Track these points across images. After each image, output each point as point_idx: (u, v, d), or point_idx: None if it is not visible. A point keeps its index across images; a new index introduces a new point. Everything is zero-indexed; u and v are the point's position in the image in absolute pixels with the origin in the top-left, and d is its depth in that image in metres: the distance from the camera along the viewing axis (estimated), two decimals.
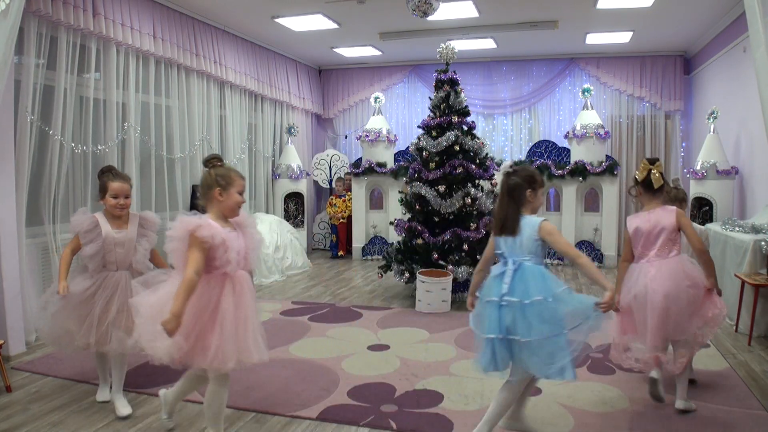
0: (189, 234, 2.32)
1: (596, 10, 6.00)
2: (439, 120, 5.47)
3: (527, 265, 2.42)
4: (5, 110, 3.77)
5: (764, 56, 2.99)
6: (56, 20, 4.29)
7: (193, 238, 2.31)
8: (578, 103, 8.08)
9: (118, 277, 2.97)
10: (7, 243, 3.80)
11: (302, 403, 3.06)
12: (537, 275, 2.39)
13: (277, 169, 8.07)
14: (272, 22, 6.51)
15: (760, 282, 3.99)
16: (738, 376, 3.41)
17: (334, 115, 9.45)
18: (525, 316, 2.32)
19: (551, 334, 2.29)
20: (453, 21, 6.50)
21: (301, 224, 8.35)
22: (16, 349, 3.84)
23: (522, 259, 2.44)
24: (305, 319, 4.83)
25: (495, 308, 2.39)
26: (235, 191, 2.49)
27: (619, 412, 2.93)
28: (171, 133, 5.89)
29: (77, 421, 2.87)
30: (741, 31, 5.62)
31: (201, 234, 2.31)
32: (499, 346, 2.36)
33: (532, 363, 2.33)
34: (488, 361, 2.40)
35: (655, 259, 2.84)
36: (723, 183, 6.01)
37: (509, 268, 2.43)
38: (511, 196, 2.51)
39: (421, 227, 5.37)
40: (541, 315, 2.31)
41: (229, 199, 2.48)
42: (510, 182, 2.52)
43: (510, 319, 2.35)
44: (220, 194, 2.46)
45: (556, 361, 2.29)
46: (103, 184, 2.98)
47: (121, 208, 2.99)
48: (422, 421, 2.85)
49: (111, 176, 2.98)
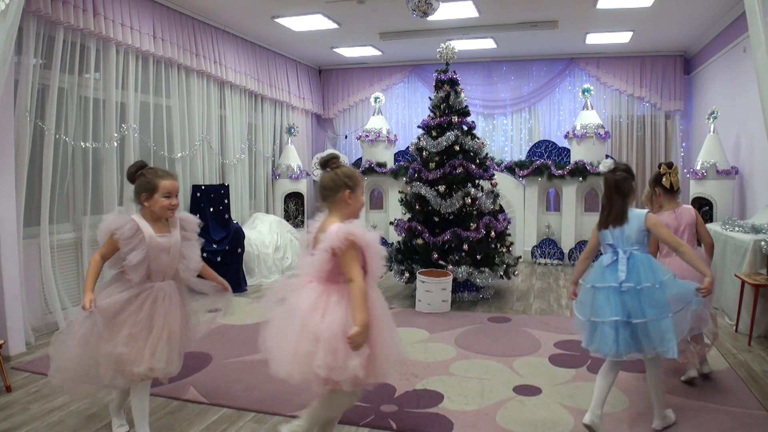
0: (348, 240, 2.14)
1: (596, 10, 6.00)
2: (439, 120, 5.47)
3: (636, 254, 2.67)
4: (5, 110, 3.77)
5: (764, 56, 2.99)
6: (56, 20, 4.29)
7: (351, 243, 2.15)
8: (578, 103, 8.08)
9: (166, 289, 2.61)
10: (7, 243, 3.80)
11: (302, 403, 3.05)
12: (646, 263, 2.65)
13: (277, 169, 8.07)
14: (272, 22, 6.51)
15: (760, 282, 3.98)
16: (738, 376, 3.41)
17: (334, 115, 9.45)
18: (638, 300, 2.58)
19: (659, 317, 2.55)
20: (453, 21, 6.50)
21: (301, 224, 8.34)
22: (16, 349, 3.84)
23: (631, 249, 2.68)
24: None
25: (615, 293, 2.61)
26: (360, 193, 2.33)
27: (619, 412, 2.93)
28: (171, 133, 5.89)
29: (77, 421, 2.87)
30: (741, 31, 5.62)
31: (358, 239, 2.17)
32: (623, 329, 2.57)
33: (645, 343, 2.57)
34: (611, 344, 2.58)
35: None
36: (723, 183, 6.01)
37: (622, 257, 2.67)
38: (618, 191, 2.73)
39: (421, 227, 5.37)
40: (651, 299, 2.57)
41: (357, 202, 2.31)
42: (617, 177, 2.74)
43: (629, 303, 2.59)
44: (350, 197, 2.28)
45: (665, 341, 2.54)
46: (148, 183, 2.57)
47: (173, 209, 2.63)
48: (422, 421, 2.85)
49: (159, 173, 2.60)
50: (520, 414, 2.92)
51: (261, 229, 6.92)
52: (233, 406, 3.03)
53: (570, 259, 7.39)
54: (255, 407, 3.03)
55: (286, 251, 6.98)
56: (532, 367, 3.60)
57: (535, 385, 3.27)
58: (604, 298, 2.63)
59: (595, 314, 2.65)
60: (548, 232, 7.70)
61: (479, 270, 5.18)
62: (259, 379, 3.38)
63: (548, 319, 4.78)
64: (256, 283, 6.32)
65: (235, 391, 3.23)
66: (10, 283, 3.81)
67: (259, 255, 6.48)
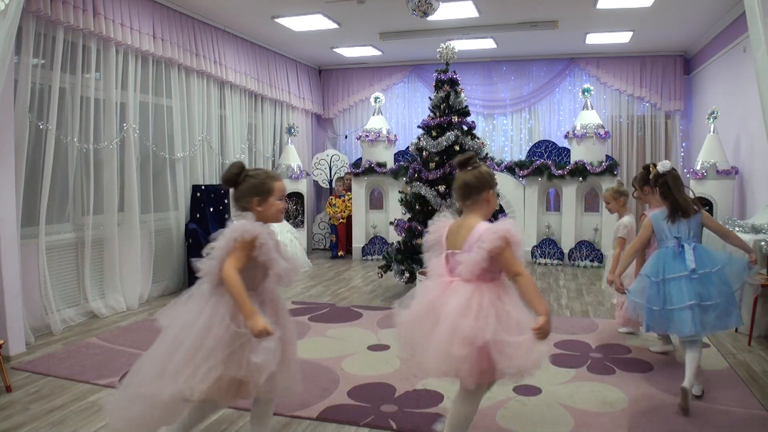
0: (506, 239, 2.13)
1: (596, 10, 6.00)
2: (439, 120, 5.47)
3: (697, 244, 3.07)
4: (5, 110, 3.77)
5: (764, 56, 2.99)
6: (56, 20, 4.29)
7: (508, 242, 2.14)
8: (578, 103, 8.09)
9: (277, 295, 2.42)
10: (7, 243, 3.80)
11: (302, 403, 3.06)
12: (707, 251, 3.06)
13: (277, 169, 8.07)
14: (272, 22, 6.51)
15: (760, 282, 3.98)
16: (738, 376, 3.41)
17: (334, 115, 9.45)
18: (707, 284, 2.94)
19: (726, 295, 2.94)
20: (453, 21, 6.50)
21: (301, 224, 8.35)
22: (16, 349, 3.84)
23: (693, 240, 3.07)
24: (305, 319, 4.83)
25: (687, 281, 2.95)
26: (495, 192, 2.36)
27: (619, 412, 2.93)
28: (171, 133, 5.89)
29: (77, 421, 2.87)
30: (741, 31, 5.62)
31: (514, 237, 2.16)
32: (698, 311, 2.90)
33: (715, 320, 2.93)
34: (690, 325, 2.88)
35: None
36: (723, 183, 6.01)
37: (688, 249, 3.02)
38: (679, 187, 3.10)
39: (421, 227, 5.37)
40: (718, 282, 2.95)
41: (495, 201, 2.33)
42: (675, 174, 3.12)
43: (700, 288, 2.93)
44: (492, 196, 2.30)
45: (732, 314, 2.95)
46: (262, 185, 2.30)
47: (283, 213, 2.43)
48: (422, 421, 2.85)
49: (270, 174, 2.36)
50: (520, 414, 2.92)
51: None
52: (233, 405, 3.03)
53: (570, 259, 7.39)
54: None
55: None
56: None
57: (535, 385, 3.27)
58: (676, 287, 2.95)
59: (670, 303, 2.95)
60: (548, 232, 7.70)
61: None
62: None
63: None
64: None
65: None
66: (10, 283, 3.81)
67: None
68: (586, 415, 2.89)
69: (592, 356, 3.80)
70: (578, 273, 6.88)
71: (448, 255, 2.31)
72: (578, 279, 6.51)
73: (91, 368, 3.58)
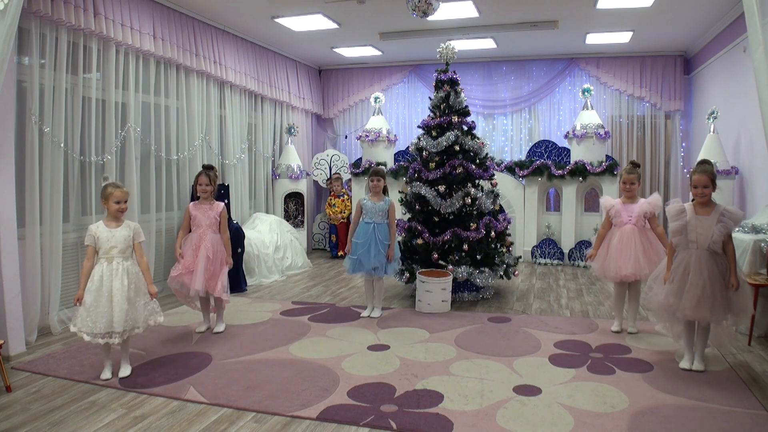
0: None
1: (596, 10, 6.00)
2: (439, 120, 5.47)
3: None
4: (5, 110, 3.78)
5: (763, 57, 2.99)
6: (56, 20, 4.29)
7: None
8: (578, 103, 8.09)
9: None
10: (7, 243, 3.80)
11: (302, 403, 3.06)
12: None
13: (277, 169, 8.07)
14: (272, 22, 6.51)
15: (760, 282, 3.99)
16: (738, 376, 3.42)
17: (334, 115, 9.45)
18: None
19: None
20: (453, 21, 6.50)
21: (301, 224, 8.35)
22: (16, 349, 3.84)
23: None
24: (305, 319, 4.83)
25: None
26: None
27: (619, 412, 2.93)
28: (171, 133, 5.89)
29: (77, 421, 2.87)
30: (741, 31, 5.62)
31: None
32: None
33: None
34: None
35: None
36: (723, 183, 6.00)
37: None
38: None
39: (421, 227, 5.37)
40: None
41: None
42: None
43: None
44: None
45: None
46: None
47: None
48: (422, 421, 2.85)
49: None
50: (520, 414, 2.92)
51: (261, 229, 6.93)
52: (233, 406, 3.04)
53: (570, 259, 7.39)
54: (255, 407, 3.03)
55: (286, 251, 6.98)
56: (532, 367, 3.60)
57: (535, 385, 3.27)
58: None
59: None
60: (548, 232, 7.70)
61: (479, 270, 5.18)
62: (259, 379, 3.38)
63: (548, 319, 4.78)
64: (256, 283, 6.33)
65: (235, 391, 3.23)
66: (10, 283, 3.81)
67: (259, 255, 6.48)
68: (586, 415, 2.89)
69: (592, 356, 3.80)
70: (578, 273, 6.88)
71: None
72: (578, 279, 6.51)
73: (91, 368, 3.58)
